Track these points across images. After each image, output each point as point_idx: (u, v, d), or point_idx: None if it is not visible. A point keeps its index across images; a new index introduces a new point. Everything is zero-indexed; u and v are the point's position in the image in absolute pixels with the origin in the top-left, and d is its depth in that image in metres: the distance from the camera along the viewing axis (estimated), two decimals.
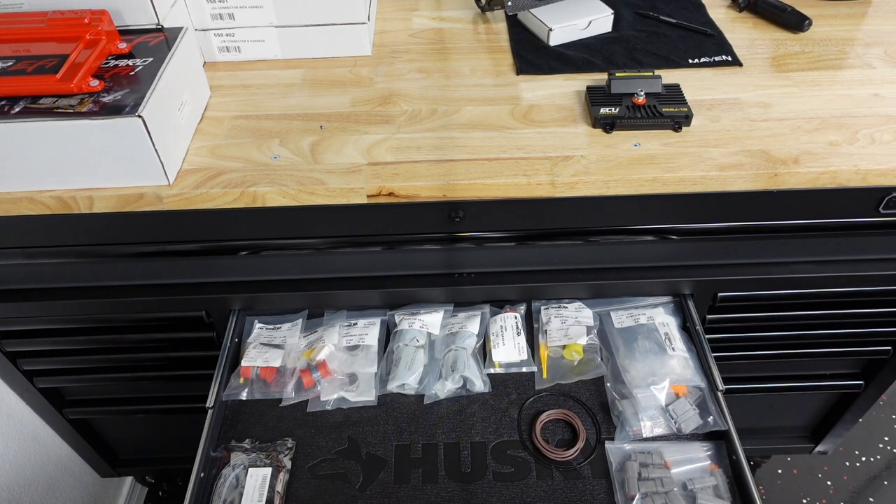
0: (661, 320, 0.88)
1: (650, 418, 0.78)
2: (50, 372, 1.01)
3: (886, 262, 0.89)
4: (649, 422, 0.78)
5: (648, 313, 0.89)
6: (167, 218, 0.77)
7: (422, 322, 0.88)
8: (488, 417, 0.81)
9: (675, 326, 0.87)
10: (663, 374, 0.81)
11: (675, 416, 0.78)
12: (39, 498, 1.08)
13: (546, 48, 0.97)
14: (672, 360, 0.83)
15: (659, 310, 0.89)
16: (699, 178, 0.75)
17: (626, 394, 0.81)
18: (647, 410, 0.78)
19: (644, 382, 0.80)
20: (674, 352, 0.83)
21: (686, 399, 0.79)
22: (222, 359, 0.86)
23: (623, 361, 0.84)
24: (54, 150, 0.69)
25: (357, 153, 0.78)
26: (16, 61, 0.71)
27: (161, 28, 0.80)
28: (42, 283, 0.88)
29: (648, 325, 0.87)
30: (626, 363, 0.83)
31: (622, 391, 0.81)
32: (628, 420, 0.78)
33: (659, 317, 0.88)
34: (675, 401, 0.79)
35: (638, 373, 0.82)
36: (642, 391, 0.80)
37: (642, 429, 0.78)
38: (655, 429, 0.78)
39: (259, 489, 0.74)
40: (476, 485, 0.75)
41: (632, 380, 0.81)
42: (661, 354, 0.83)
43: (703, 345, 0.85)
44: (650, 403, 0.79)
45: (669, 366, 0.82)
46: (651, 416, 0.78)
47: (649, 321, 0.87)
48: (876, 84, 0.88)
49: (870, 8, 1.05)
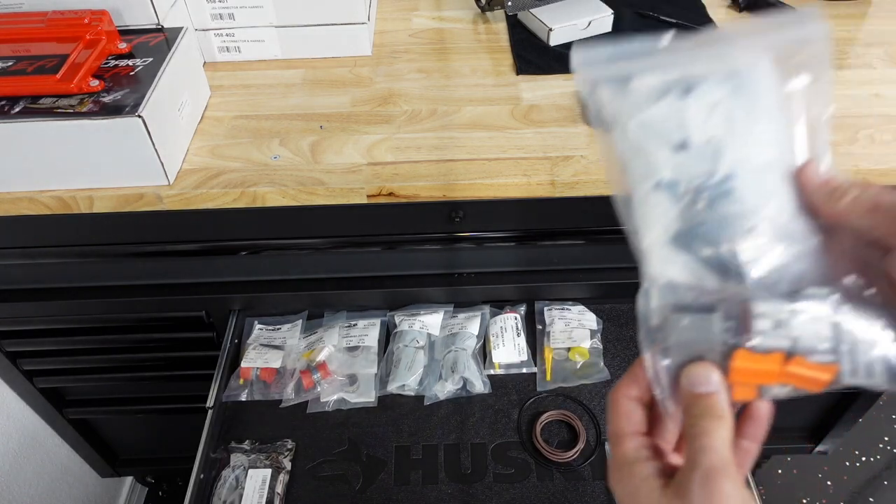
0: None
1: None
2: (50, 372, 1.01)
3: None
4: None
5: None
6: (167, 218, 0.77)
7: (422, 323, 0.88)
8: (488, 418, 0.81)
9: None
10: None
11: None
12: (39, 498, 1.08)
13: (546, 48, 0.97)
14: None
15: None
16: None
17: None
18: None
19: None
20: None
21: None
22: (222, 359, 0.86)
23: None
24: (54, 150, 0.69)
25: (357, 153, 0.78)
26: (16, 61, 0.71)
27: (161, 28, 0.80)
28: (42, 283, 0.88)
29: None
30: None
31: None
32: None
33: None
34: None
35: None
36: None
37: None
38: None
39: (259, 490, 0.74)
40: (476, 486, 0.75)
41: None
42: None
43: None
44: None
45: None
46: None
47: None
48: (876, 84, 0.88)
49: (870, 8, 1.05)
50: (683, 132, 0.31)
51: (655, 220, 0.32)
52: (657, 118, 0.31)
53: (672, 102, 0.31)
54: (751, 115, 0.31)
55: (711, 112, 0.30)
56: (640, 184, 0.32)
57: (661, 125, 0.31)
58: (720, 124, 0.30)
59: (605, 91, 0.32)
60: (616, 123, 0.32)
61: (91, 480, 1.24)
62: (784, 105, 0.32)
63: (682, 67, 0.31)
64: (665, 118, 0.31)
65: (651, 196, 0.32)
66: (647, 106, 0.31)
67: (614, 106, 0.32)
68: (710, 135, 0.30)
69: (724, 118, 0.30)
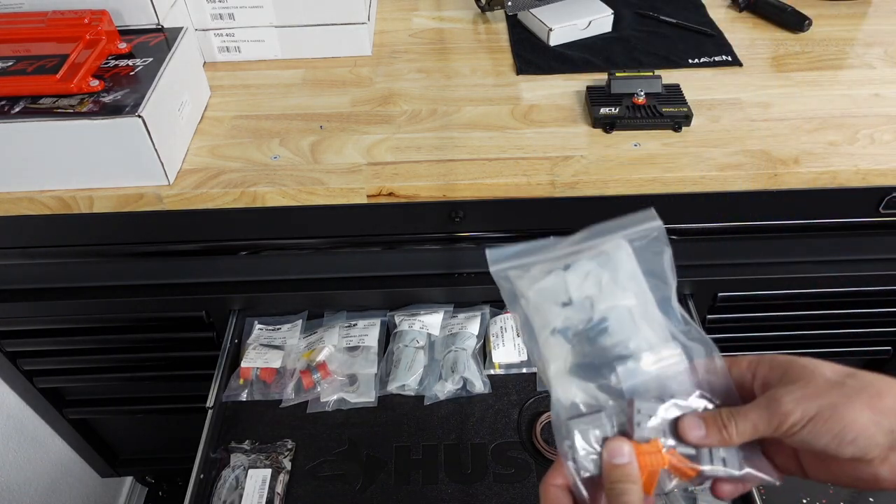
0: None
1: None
2: (50, 372, 1.01)
3: (886, 262, 0.89)
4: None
5: None
6: (167, 218, 0.77)
7: (422, 323, 0.88)
8: (488, 418, 0.81)
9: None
10: None
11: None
12: (39, 498, 1.08)
13: (546, 48, 0.97)
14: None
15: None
16: (699, 178, 0.75)
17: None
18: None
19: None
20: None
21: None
22: (222, 359, 0.86)
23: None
24: (54, 150, 0.69)
25: (357, 153, 0.78)
26: (16, 61, 0.71)
27: (161, 28, 0.80)
28: (42, 283, 0.88)
29: None
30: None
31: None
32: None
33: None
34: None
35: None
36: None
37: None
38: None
39: (259, 490, 0.74)
40: (476, 486, 0.75)
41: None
42: None
43: None
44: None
45: None
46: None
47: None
48: (876, 84, 0.88)
49: (870, 8, 1.05)
50: (567, 294, 0.43)
51: (555, 357, 0.42)
52: (548, 286, 0.43)
53: (557, 275, 0.43)
54: (613, 277, 0.43)
55: (585, 279, 0.43)
56: (541, 332, 0.43)
57: (551, 290, 0.43)
58: (592, 286, 0.43)
59: (514, 274, 0.44)
60: (522, 295, 0.44)
61: (91, 480, 1.24)
62: (636, 270, 0.43)
63: (564, 253, 0.44)
64: (554, 285, 0.43)
65: (550, 340, 0.43)
66: (540, 279, 0.43)
67: (520, 284, 0.44)
68: (586, 294, 0.43)
69: (594, 282, 0.43)
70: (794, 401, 0.36)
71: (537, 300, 0.43)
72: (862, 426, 0.35)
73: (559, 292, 0.43)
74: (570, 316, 0.42)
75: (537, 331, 0.43)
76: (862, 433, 0.35)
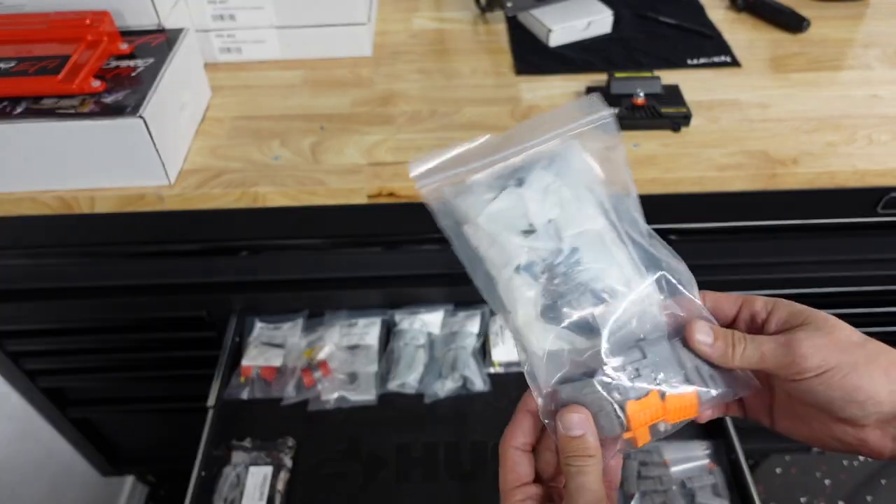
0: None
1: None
2: (52, 371, 1.02)
3: (885, 262, 0.89)
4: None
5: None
6: (168, 218, 0.78)
7: (422, 321, 0.88)
8: (488, 416, 0.81)
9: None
10: None
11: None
12: (41, 497, 1.08)
13: (546, 49, 0.97)
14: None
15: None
16: (698, 178, 0.76)
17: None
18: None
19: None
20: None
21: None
22: (223, 358, 0.86)
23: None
24: (56, 150, 0.70)
25: (357, 154, 0.79)
26: (18, 62, 0.72)
27: (162, 29, 0.81)
28: (44, 283, 0.88)
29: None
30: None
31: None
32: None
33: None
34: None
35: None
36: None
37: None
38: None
39: (260, 488, 0.74)
40: (476, 484, 0.76)
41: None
42: None
43: None
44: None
45: None
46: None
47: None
48: (874, 85, 0.88)
49: (868, 9, 1.05)
50: (527, 218, 0.35)
51: (524, 301, 0.35)
52: (502, 209, 0.35)
53: (511, 193, 0.35)
54: (575, 193, 0.36)
55: (545, 196, 0.35)
56: (502, 270, 0.36)
57: (507, 214, 0.35)
58: (553, 205, 0.35)
59: (450, 191, 0.36)
60: (467, 219, 0.36)
61: (93, 479, 1.25)
62: (598, 177, 0.37)
63: (505, 157, 0.35)
64: (509, 208, 0.35)
65: (514, 279, 0.35)
66: (490, 200, 0.35)
67: (463, 204, 0.36)
68: (549, 216, 0.35)
69: (554, 200, 0.35)
70: (814, 347, 0.35)
71: (491, 228, 0.35)
72: (874, 390, 0.35)
73: (517, 217, 0.35)
74: (536, 247, 0.35)
75: (495, 269, 0.36)
76: (873, 397, 0.35)
